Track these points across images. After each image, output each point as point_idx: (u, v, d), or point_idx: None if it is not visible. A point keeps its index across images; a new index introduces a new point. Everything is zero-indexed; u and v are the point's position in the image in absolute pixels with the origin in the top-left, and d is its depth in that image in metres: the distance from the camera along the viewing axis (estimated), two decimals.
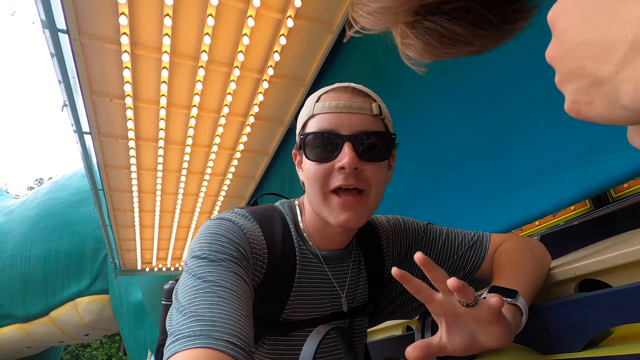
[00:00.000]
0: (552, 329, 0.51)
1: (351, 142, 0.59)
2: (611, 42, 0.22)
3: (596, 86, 0.24)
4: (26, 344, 9.64)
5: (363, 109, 0.62)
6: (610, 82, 0.23)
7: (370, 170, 0.61)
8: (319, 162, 0.61)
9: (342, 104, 0.61)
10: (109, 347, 16.72)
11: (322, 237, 0.69)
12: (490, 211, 1.44)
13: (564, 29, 0.26)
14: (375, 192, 0.62)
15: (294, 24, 2.33)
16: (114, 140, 3.13)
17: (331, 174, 0.60)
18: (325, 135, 0.60)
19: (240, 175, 3.99)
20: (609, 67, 0.22)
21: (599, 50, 0.23)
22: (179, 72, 2.61)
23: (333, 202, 0.60)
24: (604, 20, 0.23)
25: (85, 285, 9.15)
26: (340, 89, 0.64)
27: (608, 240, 0.81)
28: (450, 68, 1.63)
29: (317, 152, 0.61)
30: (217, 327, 0.44)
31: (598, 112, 0.25)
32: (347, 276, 0.71)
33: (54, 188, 10.09)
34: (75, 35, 2.19)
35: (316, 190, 0.62)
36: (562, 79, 0.27)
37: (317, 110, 0.63)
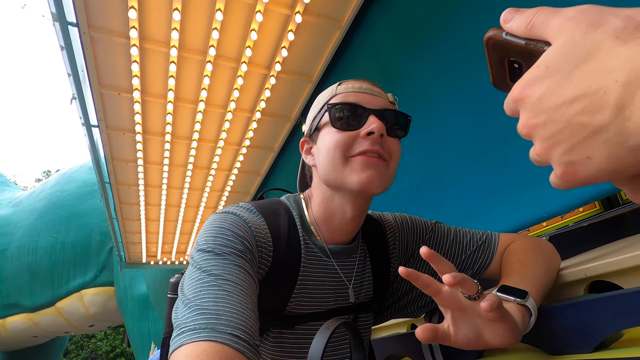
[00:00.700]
0: (561, 329, 0.51)
1: (376, 114, 0.63)
2: (601, 90, 0.22)
3: (594, 137, 0.23)
4: (32, 333, 9.79)
5: (382, 95, 0.67)
6: (610, 128, 0.22)
7: (393, 143, 0.64)
8: (344, 131, 0.63)
9: (365, 87, 0.66)
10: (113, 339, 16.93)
11: (329, 229, 0.69)
12: (497, 211, 1.43)
13: (538, 98, 0.26)
14: (394, 166, 0.65)
15: (302, 20, 2.32)
16: (121, 133, 3.15)
17: (355, 141, 0.62)
18: (354, 105, 0.63)
19: (245, 171, 4.00)
20: (606, 112, 0.22)
21: (588, 102, 0.23)
22: (187, 67, 2.62)
23: (355, 162, 0.62)
24: (584, 76, 0.23)
25: (91, 277, 9.27)
26: (361, 79, 0.69)
27: (618, 242, 0.80)
28: (457, 67, 1.62)
29: (343, 122, 0.63)
30: (222, 321, 0.44)
31: (600, 164, 0.24)
32: (354, 270, 0.71)
33: (62, 180, 10.20)
34: (84, 29, 2.20)
35: (337, 156, 0.63)
36: (548, 145, 0.26)
37: (340, 91, 0.67)
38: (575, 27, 0.25)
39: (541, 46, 0.28)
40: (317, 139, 0.68)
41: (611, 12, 0.24)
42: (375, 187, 0.61)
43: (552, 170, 0.28)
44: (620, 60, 0.22)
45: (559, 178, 0.27)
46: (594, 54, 0.23)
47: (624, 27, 0.23)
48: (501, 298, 0.53)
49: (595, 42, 0.23)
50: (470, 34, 1.55)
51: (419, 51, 1.87)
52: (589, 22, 0.24)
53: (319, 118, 0.68)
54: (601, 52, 0.23)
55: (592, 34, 0.24)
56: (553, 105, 0.25)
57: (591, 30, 0.24)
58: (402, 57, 2.01)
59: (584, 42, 0.24)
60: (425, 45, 1.83)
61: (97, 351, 16.72)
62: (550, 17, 0.27)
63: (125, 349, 16.52)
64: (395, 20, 2.08)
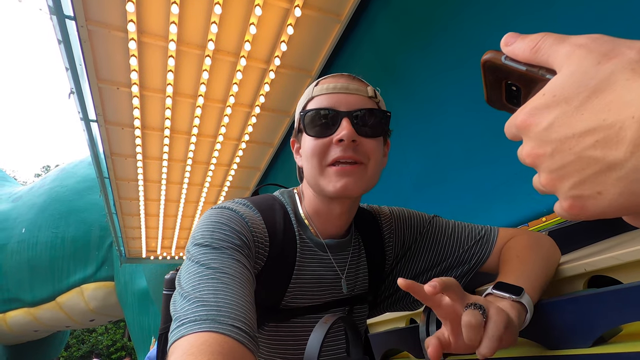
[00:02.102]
0: (560, 324, 0.51)
1: (349, 117, 0.62)
2: (616, 125, 0.21)
3: (606, 172, 0.22)
4: (33, 327, 9.85)
5: (359, 91, 0.65)
6: (625, 164, 0.21)
7: (369, 145, 0.63)
8: (318, 138, 0.63)
9: (340, 86, 0.64)
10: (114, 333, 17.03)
11: (322, 222, 0.69)
12: (496, 207, 1.43)
13: (545, 128, 0.25)
14: (373, 166, 0.64)
15: (301, 14, 2.30)
16: (120, 128, 3.14)
17: (329, 148, 0.62)
18: (324, 111, 0.63)
19: (245, 166, 3.99)
20: (621, 148, 0.21)
21: (601, 136, 0.22)
22: (186, 61, 2.60)
23: (330, 172, 0.62)
24: (597, 109, 0.22)
25: (91, 271, 9.30)
26: (337, 75, 0.68)
27: (618, 237, 0.80)
28: (458, 63, 1.61)
29: (316, 129, 0.63)
30: (223, 312, 0.44)
31: (611, 200, 0.23)
32: (347, 264, 0.71)
33: (61, 175, 10.20)
34: (82, 22, 2.18)
35: (314, 164, 0.63)
36: (555, 177, 0.25)
37: (315, 93, 0.66)
38: (586, 56, 0.24)
39: (542, 73, 0.27)
40: (301, 141, 0.68)
41: (624, 43, 0.23)
42: (352, 192, 0.62)
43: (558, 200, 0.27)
44: (637, 95, 0.21)
45: (566, 211, 0.26)
46: (608, 86, 0.22)
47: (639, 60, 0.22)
48: (496, 295, 0.53)
49: (609, 73, 0.22)
50: (472, 30, 1.54)
51: (420, 46, 1.86)
52: (601, 52, 0.23)
53: (299, 120, 0.68)
54: (616, 84, 0.22)
55: (604, 64, 0.23)
56: (561, 136, 0.24)
57: (604, 60, 0.23)
58: (403, 52, 2.00)
59: (595, 73, 0.23)
60: (426, 40, 1.82)
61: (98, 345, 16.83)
62: (558, 44, 0.26)
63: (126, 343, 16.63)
64: (396, 15, 2.07)
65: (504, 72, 0.30)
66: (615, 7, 1.04)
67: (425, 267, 0.77)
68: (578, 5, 1.14)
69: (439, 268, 0.76)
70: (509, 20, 1.36)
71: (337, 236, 0.72)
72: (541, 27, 1.26)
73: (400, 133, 1.95)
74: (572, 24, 1.16)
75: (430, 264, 0.77)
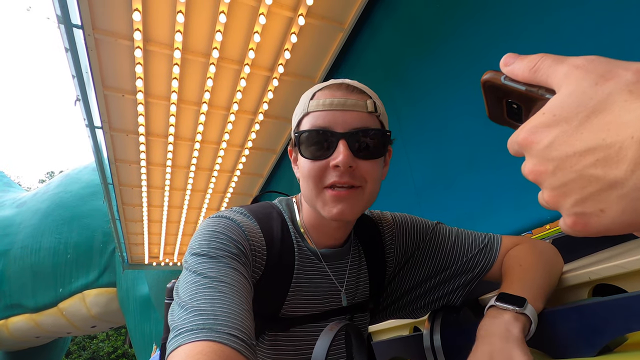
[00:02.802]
0: (565, 333, 0.50)
1: (346, 139, 0.59)
2: (616, 145, 0.22)
3: (608, 191, 0.23)
4: (35, 333, 9.81)
5: (357, 106, 0.61)
6: (626, 183, 0.22)
7: (366, 167, 0.61)
8: (314, 160, 0.60)
9: (337, 102, 0.60)
10: (115, 340, 16.94)
11: (320, 233, 0.69)
12: (500, 213, 1.43)
13: (546, 145, 0.26)
14: (370, 187, 0.62)
15: (305, 22, 2.32)
16: (124, 135, 3.16)
17: (326, 171, 0.60)
18: (320, 132, 0.60)
19: (248, 173, 4.00)
20: (622, 167, 0.22)
21: (601, 155, 0.23)
22: (190, 69, 2.63)
23: (326, 196, 0.60)
24: (596, 128, 0.23)
25: (93, 277, 9.28)
26: (334, 86, 0.63)
27: (623, 245, 0.79)
28: (463, 69, 1.62)
29: (311, 150, 0.61)
30: (220, 321, 0.44)
31: (614, 217, 0.23)
32: (346, 273, 0.71)
33: (65, 181, 10.25)
34: (89, 31, 2.22)
35: (310, 187, 0.62)
36: (558, 194, 0.26)
37: (311, 108, 0.62)
38: (584, 77, 0.24)
39: (542, 93, 0.28)
40: (297, 155, 0.66)
41: (620, 64, 0.24)
42: (348, 217, 0.61)
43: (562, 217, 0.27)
44: (634, 116, 0.21)
45: (570, 227, 0.26)
46: (606, 107, 0.23)
47: (636, 82, 0.23)
48: (499, 307, 0.53)
49: (607, 94, 0.23)
50: (477, 37, 1.55)
51: (424, 53, 1.88)
52: (598, 73, 0.24)
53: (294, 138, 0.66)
54: (614, 105, 0.23)
55: (602, 85, 0.23)
56: (563, 154, 0.25)
57: (601, 81, 0.24)
58: (406, 59, 2.02)
59: (594, 93, 0.24)
60: (430, 47, 1.84)
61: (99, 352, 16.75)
62: (557, 64, 0.27)
63: (127, 350, 16.53)
64: (400, 23, 2.09)
65: (504, 92, 0.31)
66: (614, 19, 1.05)
67: (428, 275, 0.77)
68: (581, 14, 1.15)
69: (442, 276, 0.76)
70: (512, 27, 1.37)
71: (334, 246, 0.71)
72: (545, 35, 1.27)
73: (405, 139, 1.96)
74: (574, 31, 1.17)
75: (432, 271, 0.76)
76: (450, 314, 0.74)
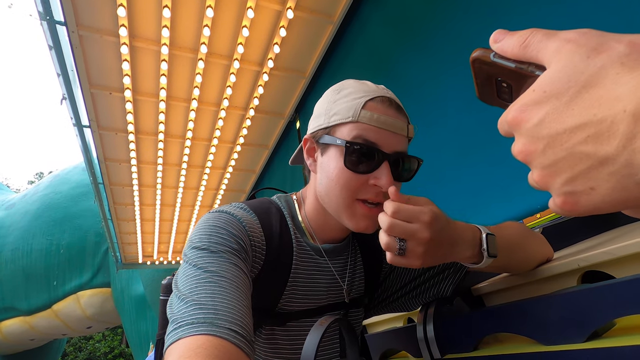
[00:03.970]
0: (555, 320, 0.51)
1: (389, 161, 0.61)
2: (607, 120, 0.21)
3: (598, 168, 0.22)
4: (29, 336, 9.73)
5: (403, 130, 0.63)
6: (617, 159, 0.21)
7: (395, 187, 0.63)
8: (356, 172, 0.61)
9: (390, 122, 0.62)
10: (112, 340, 16.88)
11: (323, 231, 0.70)
12: (491, 203, 1.44)
13: (535, 124, 0.25)
14: None
15: (294, 16, 2.30)
16: (113, 133, 3.11)
17: (364, 186, 0.62)
18: (371, 149, 0.61)
19: (240, 169, 3.98)
20: (613, 143, 0.21)
21: (592, 131, 0.22)
22: (179, 65, 2.59)
23: (357, 209, 0.62)
24: (587, 103, 0.22)
25: (87, 278, 9.21)
26: (386, 102, 0.64)
27: (611, 232, 0.81)
28: (452, 62, 1.62)
29: (357, 163, 0.61)
30: (220, 315, 0.44)
31: (604, 195, 0.23)
32: (347, 268, 0.71)
33: (55, 182, 10.10)
34: (73, 27, 2.17)
35: (343, 195, 0.62)
36: (547, 173, 0.25)
37: (363, 119, 0.61)
38: (575, 51, 0.24)
39: (532, 70, 0.27)
40: (324, 153, 0.65)
41: (613, 37, 0.23)
42: (371, 231, 0.63)
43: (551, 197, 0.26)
44: (627, 89, 0.21)
45: (559, 207, 0.26)
46: (598, 81, 0.22)
47: (628, 54, 0.22)
48: None
49: (598, 67, 0.22)
50: (467, 29, 1.55)
51: (414, 45, 1.87)
52: (590, 46, 0.23)
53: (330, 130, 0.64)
54: (606, 79, 0.22)
55: (594, 58, 0.23)
56: (553, 132, 0.24)
57: (593, 55, 0.23)
58: (397, 52, 2.01)
59: (585, 67, 0.23)
60: (419, 39, 1.83)
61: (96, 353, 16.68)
62: (547, 39, 0.26)
63: (124, 350, 16.49)
64: (390, 14, 2.07)
65: (493, 70, 0.30)
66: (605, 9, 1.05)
67: (422, 269, 0.77)
68: (571, 7, 1.15)
69: (435, 269, 0.77)
70: (502, 17, 1.37)
71: (334, 241, 0.72)
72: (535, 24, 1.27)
73: None
74: (566, 20, 1.17)
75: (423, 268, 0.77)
76: (443, 305, 0.75)
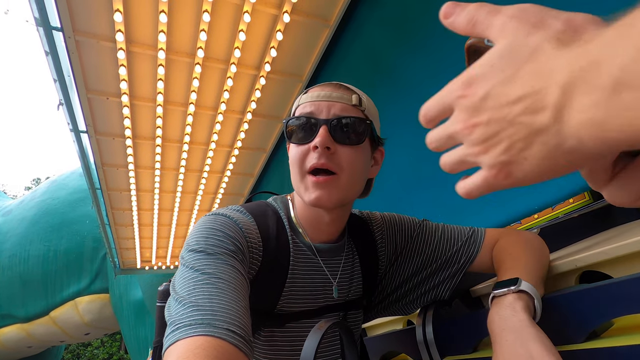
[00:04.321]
0: (553, 320, 0.51)
1: (327, 125, 0.63)
2: (542, 91, 0.22)
3: (534, 138, 0.23)
4: (27, 343, 9.65)
5: (342, 99, 0.65)
6: (549, 129, 0.22)
7: (344, 153, 0.63)
8: (298, 145, 0.65)
9: (324, 94, 0.65)
10: (110, 346, 16.77)
11: (314, 228, 0.70)
12: (489, 204, 1.44)
13: (482, 96, 0.26)
14: (348, 176, 0.64)
15: (290, 19, 2.31)
16: (110, 139, 3.11)
17: (308, 155, 0.63)
18: (304, 119, 0.64)
19: (238, 173, 3.98)
20: (546, 114, 0.22)
21: (530, 102, 0.23)
22: (175, 69, 2.59)
23: (308, 181, 0.63)
24: (527, 77, 0.23)
25: (85, 284, 9.15)
26: (326, 84, 0.68)
27: (608, 232, 0.81)
28: (448, 64, 1.62)
29: (296, 135, 0.65)
30: (218, 317, 0.44)
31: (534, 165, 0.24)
32: (339, 268, 0.71)
33: (52, 188, 10.06)
34: (69, 33, 2.17)
35: (295, 171, 0.65)
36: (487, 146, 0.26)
37: (301, 101, 0.68)
38: (518, 28, 0.25)
39: None
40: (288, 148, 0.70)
41: (551, 14, 0.24)
42: (326, 204, 0.63)
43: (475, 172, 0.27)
44: (560, 63, 0.22)
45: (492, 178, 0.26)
46: (537, 56, 0.23)
47: (564, 30, 0.23)
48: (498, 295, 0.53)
49: (538, 43, 0.23)
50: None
51: (412, 47, 1.88)
52: (530, 23, 0.24)
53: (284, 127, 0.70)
54: (543, 53, 0.23)
55: (534, 35, 0.24)
56: (497, 104, 0.25)
57: (533, 31, 0.24)
58: (393, 53, 2.02)
59: (526, 43, 0.24)
60: (417, 40, 1.84)
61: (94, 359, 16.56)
62: (492, 16, 0.27)
63: (123, 356, 16.37)
64: (386, 17, 2.08)
65: None
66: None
67: (416, 269, 0.78)
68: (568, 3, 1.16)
69: (428, 270, 0.77)
70: None
71: (330, 241, 0.72)
72: None
73: (390, 135, 1.96)
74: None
75: (420, 266, 0.78)
76: (442, 307, 0.75)
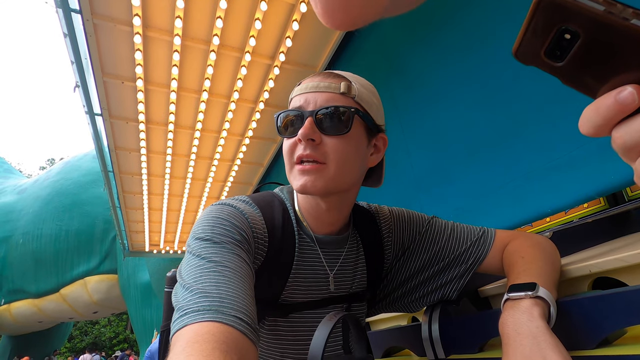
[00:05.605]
0: (564, 325, 0.50)
1: (313, 117, 0.63)
2: None
3: None
4: (37, 318, 9.96)
5: (330, 88, 0.65)
6: None
7: (330, 144, 0.63)
8: (288, 138, 0.66)
9: (312, 85, 0.65)
10: (117, 325, 17.20)
11: (314, 218, 0.70)
12: (500, 205, 1.43)
13: None
14: (336, 166, 0.63)
15: (307, 9, 2.29)
16: (124, 122, 3.14)
17: (296, 147, 0.64)
18: (292, 112, 0.65)
19: (248, 162, 4.00)
20: None
21: None
22: (190, 56, 2.60)
23: (295, 170, 0.64)
24: None
25: (95, 264, 9.37)
26: (317, 73, 0.68)
27: (623, 238, 0.79)
28: (464, 58, 1.60)
29: (286, 129, 0.66)
30: (225, 304, 0.45)
31: None
32: (339, 260, 0.71)
33: (65, 168, 10.26)
34: (88, 16, 2.18)
35: (286, 163, 0.66)
36: None
37: (293, 94, 0.68)
38: None
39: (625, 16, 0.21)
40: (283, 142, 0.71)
41: None
42: (311, 190, 0.63)
43: None
44: None
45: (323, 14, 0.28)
46: None
47: None
48: (513, 298, 0.52)
49: None
50: (478, 24, 1.52)
51: (426, 40, 1.85)
52: None
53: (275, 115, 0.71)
54: None
55: None
56: None
57: None
58: (408, 47, 1.99)
59: None
60: (431, 34, 1.81)
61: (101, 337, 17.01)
62: None
63: (128, 336, 16.79)
64: None
65: (563, 14, 0.23)
66: None
67: (423, 265, 0.77)
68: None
69: (436, 268, 0.76)
70: (516, 11, 1.34)
71: (333, 233, 0.72)
72: None
73: (404, 129, 1.94)
74: None
75: (427, 263, 0.77)
76: (450, 305, 0.74)
